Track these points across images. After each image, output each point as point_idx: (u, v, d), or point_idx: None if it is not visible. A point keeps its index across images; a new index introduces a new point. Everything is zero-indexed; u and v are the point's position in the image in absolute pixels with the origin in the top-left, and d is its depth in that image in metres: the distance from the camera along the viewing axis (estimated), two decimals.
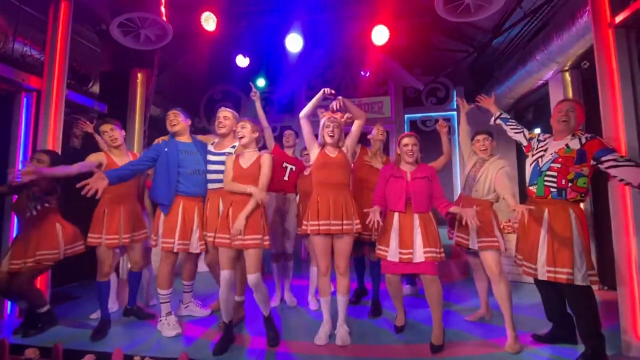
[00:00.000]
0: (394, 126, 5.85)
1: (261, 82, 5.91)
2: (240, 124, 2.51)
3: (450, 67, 5.49)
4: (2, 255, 2.83)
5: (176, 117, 2.76)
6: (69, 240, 2.84)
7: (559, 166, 2.23)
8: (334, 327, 2.55)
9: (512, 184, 2.55)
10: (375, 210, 2.39)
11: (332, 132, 2.56)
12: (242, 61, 5.21)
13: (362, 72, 5.86)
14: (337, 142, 2.60)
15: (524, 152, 2.56)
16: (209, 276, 3.08)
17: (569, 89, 3.84)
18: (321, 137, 2.62)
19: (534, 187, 2.34)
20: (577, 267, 2.12)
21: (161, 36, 3.46)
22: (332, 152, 2.59)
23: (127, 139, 3.86)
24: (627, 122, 2.36)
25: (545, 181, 2.27)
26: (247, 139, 2.48)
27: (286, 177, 3.31)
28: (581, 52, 3.42)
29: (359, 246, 3.16)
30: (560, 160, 2.24)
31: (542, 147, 2.39)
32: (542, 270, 2.22)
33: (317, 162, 2.60)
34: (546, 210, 2.26)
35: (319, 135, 2.65)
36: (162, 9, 3.45)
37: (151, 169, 2.78)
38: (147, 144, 4.37)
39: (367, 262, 3.27)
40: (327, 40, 5.39)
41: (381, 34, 4.26)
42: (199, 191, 2.73)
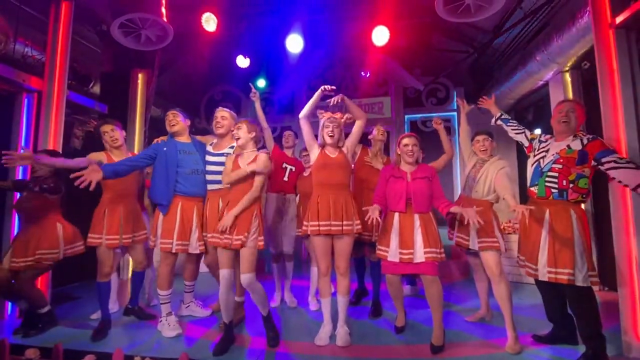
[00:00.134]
0: (394, 127, 5.85)
1: (261, 83, 5.92)
2: (236, 125, 2.52)
3: (450, 68, 5.50)
4: (3, 253, 2.83)
5: (175, 117, 2.76)
6: (69, 240, 2.84)
7: (560, 167, 2.23)
8: (334, 327, 2.55)
9: (512, 184, 2.55)
10: (374, 208, 2.38)
11: (332, 132, 2.56)
12: (243, 62, 5.22)
13: (363, 72, 5.86)
14: (337, 143, 2.60)
15: (526, 152, 2.56)
16: (210, 277, 3.08)
17: (569, 90, 3.84)
18: (321, 137, 2.62)
19: (535, 188, 2.34)
20: (578, 267, 2.12)
21: (162, 37, 3.46)
22: (332, 153, 2.59)
23: (128, 140, 3.87)
24: (627, 122, 2.36)
25: (546, 182, 2.27)
26: (243, 139, 2.49)
27: (286, 178, 3.31)
28: (581, 52, 3.42)
29: (360, 247, 3.16)
30: (561, 161, 2.24)
31: (543, 147, 2.39)
32: (543, 271, 2.22)
33: (317, 162, 2.60)
34: (547, 211, 2.25)
35: (318, 135, 2.65)
36: (163, 10, 3.46)
37: (150, 167, 2.78)
38: (148, 144, 4.35)
39: (368, 262, 3.27)
40: (328, 40, 5.40)
41: (381, 35, 4.27)
42: (198, 191, 2.73)
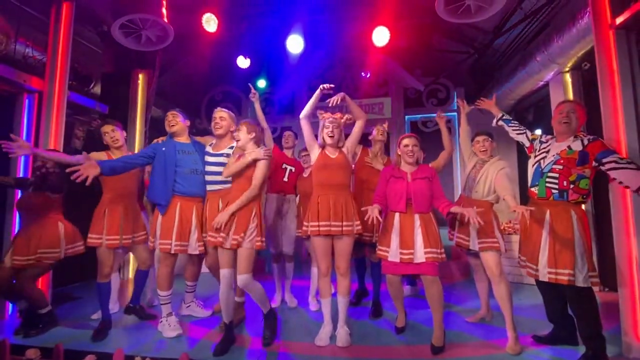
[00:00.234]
0: (394, 127, 5.86)
1: (262, 83, 5.92)
2: (237, 127, 2.54)
3: (450, 68, 5.50)
4: (4, 252, 2.84)
5: (175, 117, 2.76)
6: (70, 239, 2.84)
7: (561, 167, 2.23)
8: (334, 328, 2.55)
9: (513, 185, 2.55)
10: (374, 207, 2.37)
11: (332, 132, 2.56)
12: (243, 62, 5.23)
13: (363, 73, 5.87)
14: (337, 143, 2.60)
15: (527, 153, 2.56)
16: (211, 277, 3.08)
17: (570, 90, 3.84)
18: (321, 138, 2.63)
19: (535, 189, 2.34)
20: (579, 268, 2.12)
21: (162, 37, 3.47)
22: (333, 153, 2.59)
23: (128, 140, 3.87)
24: (627, 123, 2.36)
25: (546, 182, 2.27)
26: (243, 141, 2.50)
27: (286, 178, 3.31)
28: (582, 53, 3.42)
29: (360, 247, 3.16)
30: (562, 161, 2.24)
31: (544, 148, 2.39)
32: (543, 271, 2.22)
33: (317, 163, 2.60)
34: (548, 211, 2.25)
35: (318, 136, 2.66)
36: (164, 11, 3.47)
37: (148, 165, 2.77)
38: (148, 145, 4.36)
39: (368, 263, 3.27)
40: (328, 41, 5.40)
41: (382, 35, 4.28)
42: (197, 191, 2.72)
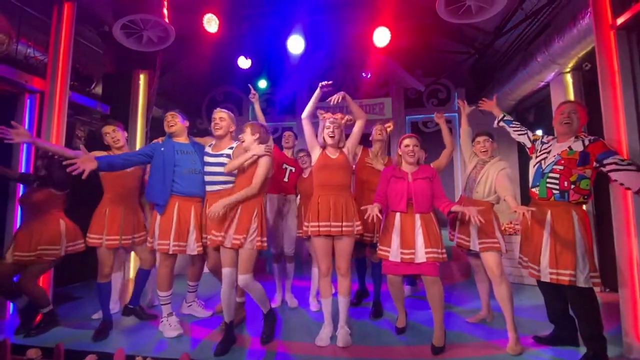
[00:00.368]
0: (394, 127, 5.84)
1: (263, 84, 5.93)
2: (242, 129, 2.57)
3: (451, 69, 5.50)
4: (5, 248, 2.84)
5: (174, 118, 2.76)
6: (71, 237, 2.85)
7: (562, 168, 2.23)
8: (335, 328, 2.55)
9: (513, 185, 2.55)
10: (374, 206, 2.37)
11: (333, 132, 2.57)
12: (244, 63, 5.23)
13: (364, 73, 5.87)
14: (337, 143, 2.61)
15: (528, 153, 2.56)
16: (213, 277, 3.08)
17: (570, 91, 3.84)
18: (321, 138, 2.63)
19: (536, 189, 2.34)
20: (580, 269, 2.12)
21: (163, 38, 3.47)
22: (333, 154, 2.59)
23: (130, 140, 3.87)
24: (628, 123, 2.35)
25: (547, 183, 2.27)
26: (247, 142, 2.53)
27: (286, 179, 3.31)
28: (582, 53, 3.42)
29: (361, 247, 3.16)
30: (562, 162, 2.24)
31: (545, 149, 2.39)
32: (544, 272, 2.22)
33: (317, 163, 2.60)
34: (549, 212, 2.26)
35: (318, 136, 2.66)
36: (165, 11, 3.48)
37: (146, 164, 2.76)
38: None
39: (369, 263, 3.27)
40: (329, 41, 5.40)
41: (382, 36, 4.28)
42: (196, 191, 2.71)
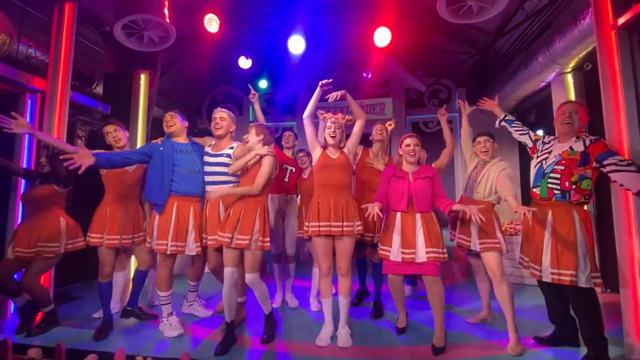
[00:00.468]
0: (395, 128, 5.84)
1: (263, 84, 5.94)
2: (247, 130, 2.59)
3: (452, 69, 5.49)
4: (6, 245, 2.84)
5: (173, 118, 2.77)
6: (71, 235, 2.85)
7: (563, 168, 2.23)
8: (335, 328, 2.55)
9: (514, 185, 2.55)
10: (374, 204, 2.36)
11: (334, 132, 2.57)
12: (245, 63, 5.24)
13: (364, 73, 5.88)
14: (338, 143, 2.61)
15: (529, 154, 2.56)
16: (213, 277, 3.09)
17: (572, 91, 3.83)
18: (322, 138, 2.63)
19: (537, 189, 2.34)
20: (581, 269, 2.12)
21: (164, 38, 3.47)
22: (334, 154, 2.59)
23: (131, 140, 3.87)
24: (629, 124, 2.35)
25: (548, 183, 2.27)
26: (252, 142, 2.55)
27: (286, 179, 3.32)
28: (584, 54, 3.41)
29: (361, 248, 3.16)
30: (563, 162, 2.24)
31: (546, 149, 2.39)
32: (546, 272, 2.22)
33: (318, 163, 2.60)
34: (550, 212, 2.25)
35: (319, 136, 2.66)
36: (166, 11, 3.47)
37: (144, 163, 2.76)
38: None
39: (369, 263, 3.27)
40: (329, 41, 5.40)
41: (383, 36, 4.28)
42: (195, 191, 2.71)
